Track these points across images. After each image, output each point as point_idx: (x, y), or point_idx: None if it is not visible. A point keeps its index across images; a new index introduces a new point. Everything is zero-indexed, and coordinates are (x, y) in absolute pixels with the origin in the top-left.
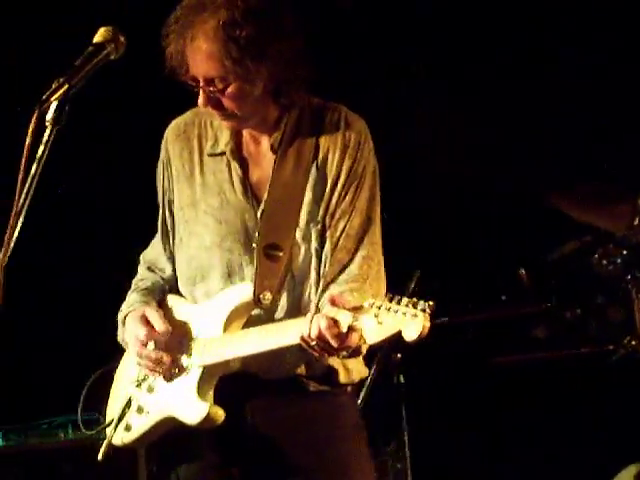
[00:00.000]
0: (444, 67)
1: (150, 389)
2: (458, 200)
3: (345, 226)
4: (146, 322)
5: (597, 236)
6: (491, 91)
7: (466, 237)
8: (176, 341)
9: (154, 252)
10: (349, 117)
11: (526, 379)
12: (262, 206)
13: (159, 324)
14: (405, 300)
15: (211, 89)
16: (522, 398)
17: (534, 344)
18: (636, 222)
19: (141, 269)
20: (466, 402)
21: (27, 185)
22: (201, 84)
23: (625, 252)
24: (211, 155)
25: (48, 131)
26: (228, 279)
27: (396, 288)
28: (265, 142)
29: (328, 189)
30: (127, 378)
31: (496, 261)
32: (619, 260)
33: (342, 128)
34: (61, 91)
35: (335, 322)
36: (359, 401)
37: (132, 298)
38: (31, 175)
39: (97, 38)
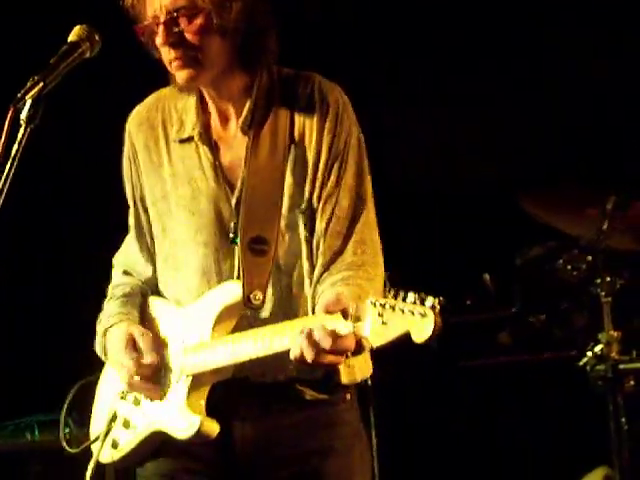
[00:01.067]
0: (420, 68)
1: (137, 402)
2: (423, 202)
3: (333, 208)
4: (132, 347)
5: (562, 241)
6: (463, 91)
7: (431, 240)
8: (162, 355)
9: (129, 254)
10: (323, 86)
11: (491, 383)
12: (236, 193)
13: (147, 354)
14: (412, 296)
15: (175, 20)
16: (487, 402)
17: (499, 348)
18: (605, 226)
19: (116, 274)
20: (433, 405)
21: (1, 183)
22: (163, 18)
23: (590, 258)
24: (178, 141)
25: (22, 130)
26: (204, 275)
27: None
28: (234, 121)
29: (310, 170)
30: (110, 390)
31: (461, 265)
32: (584, 266)
33: (317, 100)
34: (36, 89)
35: (331, 332)
36: None
37: (111, 308)
38: (5, 173)
39: (72, 37)
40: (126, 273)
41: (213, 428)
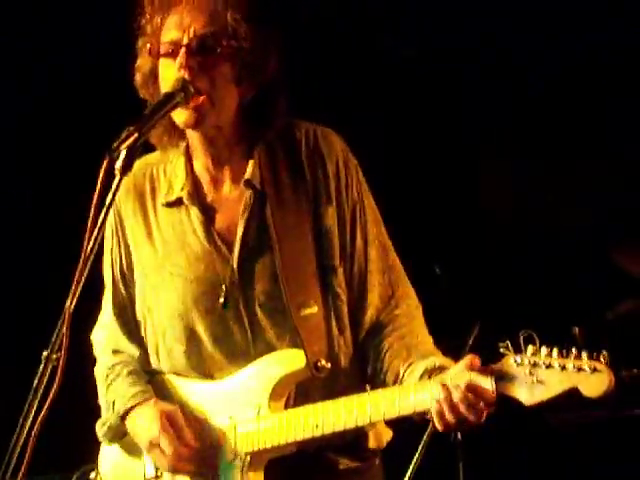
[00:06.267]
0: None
1: None
2: (515, 254)
3: (366, 263)
4: (170, 429)
5: None
6: (556, 140)
7: (522, 293)
8: (206, 434)
9: (111, 335)
10: (325, 136)
11: (578, 438)
12: (236, 253)
13: (189, 434)
14: (573, 353)
15: (200, 46)
16: (574, 457)
17: (587, 403)
18: None
19: (105, 353)
20: (521, 461)
21: (96, 230)
22: (186, 41)
23: None
24: (166, 205)
25: (117, 179)
26: (216, 343)
27: (455, 339)
28: (227, 183)
29: (335, 227)
30: (133, 476)
31: (550, 318)
32: None
33: (324, 151)
34: (131, 140)
35: (477, 388)
36: (415, 460)
37: (122, 388)
38: (100, 220)
39: (166, 88)
40: (116, 352)
41: None
